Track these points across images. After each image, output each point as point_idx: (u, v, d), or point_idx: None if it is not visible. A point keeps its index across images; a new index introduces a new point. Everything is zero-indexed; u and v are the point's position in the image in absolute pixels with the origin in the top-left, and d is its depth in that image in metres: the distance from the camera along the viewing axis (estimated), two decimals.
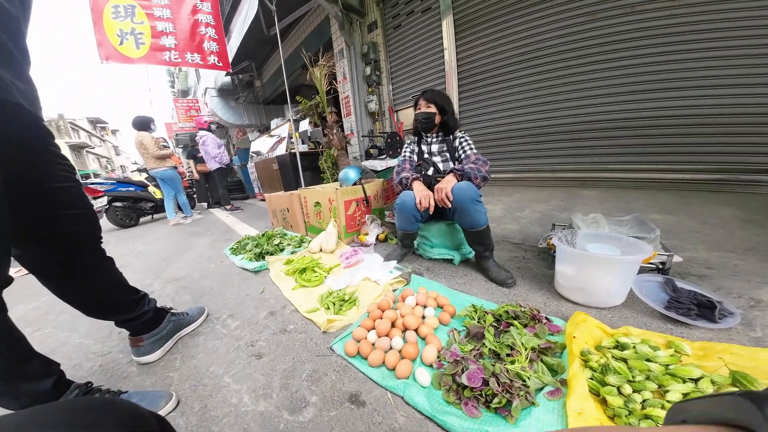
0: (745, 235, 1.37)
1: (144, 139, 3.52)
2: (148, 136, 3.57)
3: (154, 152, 3.56)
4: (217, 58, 3.17)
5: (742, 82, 1.95)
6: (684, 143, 2.23)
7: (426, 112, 1.44)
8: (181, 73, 11.92)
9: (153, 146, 3.56)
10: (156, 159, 3.62)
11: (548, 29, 2.68)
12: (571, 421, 0.60)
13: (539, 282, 1.16)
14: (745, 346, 0.74)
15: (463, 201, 1.14)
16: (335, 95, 4.51)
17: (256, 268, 1.69)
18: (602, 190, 2.50)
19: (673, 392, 0.62)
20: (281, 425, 0.70)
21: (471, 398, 0.67)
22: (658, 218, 1.69)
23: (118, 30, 2.61)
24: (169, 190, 3.86)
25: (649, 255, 0.87)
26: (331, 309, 1.12)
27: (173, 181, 3.82)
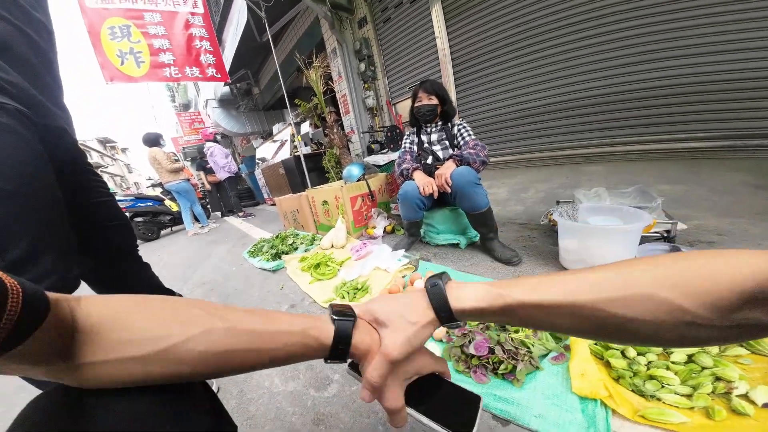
0: (755, 200, 1.36)
1: (157, 155, 3.67)
2: (160, 151, 3.72)
3: (167, 166, 3.71)
4: (215, 70, 3.26)
5: (745, 46, 1.88)
6: (689, 111, 2.18)
7: (430, 105, 1.46)
8: (180, 87, 12.17)
9: (166, 161, 3.71)
10: (170, 173, 3.77)
11: (538, 7, 2.63)
12: (574, 383, 0.63)
13: (545, 258, 1.20)
14: None
15: (462, 185, 1.19)
16: (333, 95, 4.55)
17: (274, 267, 1.79)
18: (608, 165, 2.47)
19: (678, 353, 0.65)
20: (309, 401, 0.78)
21: (479, 366, 0.72)
22: (666, 188, 1.68)
23: (118, 51, 2.71)
24: (185, 201, 4.02)
25: (649, 223, 0.89)
26: (346, 298, 1.19)
27: (188, 193, 3.97)
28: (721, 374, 0.58)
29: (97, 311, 0.25)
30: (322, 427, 0.69)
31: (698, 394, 0.56)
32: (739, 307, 0.23)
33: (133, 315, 0.26)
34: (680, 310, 0.24)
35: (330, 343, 0.32)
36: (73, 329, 0.23)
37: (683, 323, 0.24)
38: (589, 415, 0.57)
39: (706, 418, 0.53)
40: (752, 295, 0.22)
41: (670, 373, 0.61)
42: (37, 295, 0.20)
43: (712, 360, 0.61)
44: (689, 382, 0.59)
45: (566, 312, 0.28)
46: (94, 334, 0.24)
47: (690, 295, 0.24)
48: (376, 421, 0.67)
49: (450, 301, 0.32)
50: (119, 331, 0.25)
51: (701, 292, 0.24)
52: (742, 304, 0.22)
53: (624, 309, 0.26)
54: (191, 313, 0.28)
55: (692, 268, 0.25)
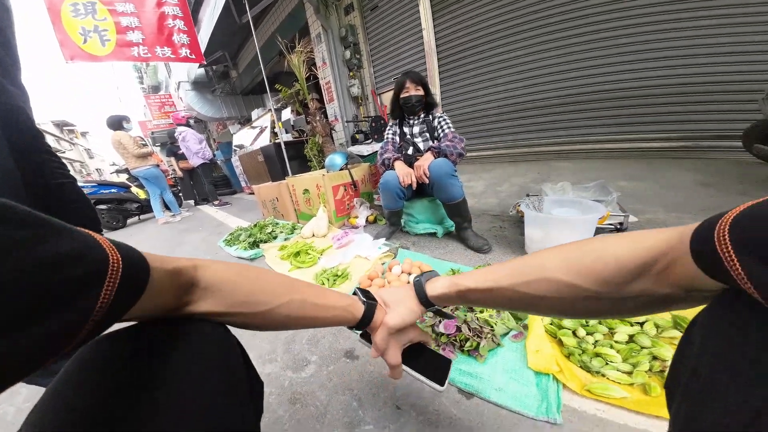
0: (702, 197, 1.51)
1: (122, 139, 3.41)
2: (125, 134, 3.45)
3: (134, 151, 3.47)
4: (189, 51, 3.08)
5: (702, 52, 2.05)
6: (649, 113, 2.36)
7: (417, 95, 1.47)
8: (150, 68, 11.30)
9: (132, 145, 3.46)
10: (137, 158, 3.53)
11: (520, 6, 2.71)
12: (530, 358, 0.70)
13: (512, 247, 1.28)
14: None
15: (439, 176, 1.23)
16: (316, 81, 4.43)
17: (252, 256, 1.76)
18: (576, 162, 2.63)
19: (620, 333, 0.72)
20: (286, 382, 0.80)
21: (447, 344, 0.78)
22: (625, 185, 1.82)
23: (80, 28, 2.51)
24: (154, 189, 3.80)
25: (603, 215, 0.98)
26: (326, 284, 1.22)
27: (157, 180, 3.75)
28: (657, 353, 0.65)
29: (216, 276, 0.33)
30: (299, 405, 0.72)
31: (637, 371, 0.62)
32: (628, 280, 0.27)
33: (242, 282, 0.35)
34: (576, 287, 0.30)
35: (360, 317, 0.46)
36: (194, 286, 0.31)
37: (582, 297, 0.31)
38: (542, 389, 0.63)
39: (643, 394, 0.59)
40: (636, 269, 0.26)
41: (614, 352, 0.67)
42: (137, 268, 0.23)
43: (650, 340, 0.68)
44: (630, 360, 0.65)
45: (497, 294, 0.38)
46: (215, 291, 0.32)
47: (582, 275, 0.30)
48: (351, 398, 0.71)
49: (426, 290, 0.46)
50: (235, 293, 0.34)
51: (592, 271, 0.29)
52: (630, 277, 0.27)
53: (536, 289, 0.34)
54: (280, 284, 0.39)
55: (586, 251, 0.31)
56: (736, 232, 0.19)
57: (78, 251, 0.19)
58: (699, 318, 0.25)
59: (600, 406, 0.59)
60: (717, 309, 0.23)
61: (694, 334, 0.25)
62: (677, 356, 0.27)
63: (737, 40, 1.93)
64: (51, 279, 0.17)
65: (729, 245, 0.19)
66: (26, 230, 0.17)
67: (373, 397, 0.70)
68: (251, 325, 0.37)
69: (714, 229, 0.20)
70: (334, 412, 0.68)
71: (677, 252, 0.24)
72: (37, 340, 0.16)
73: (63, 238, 0.18)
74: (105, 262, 0.20)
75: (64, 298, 0.17)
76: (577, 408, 0.59)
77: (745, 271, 0.18)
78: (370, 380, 0.75)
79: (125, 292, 0.21)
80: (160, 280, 0.26)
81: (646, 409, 0.56)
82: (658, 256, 0.25)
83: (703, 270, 0.22)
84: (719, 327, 0.22)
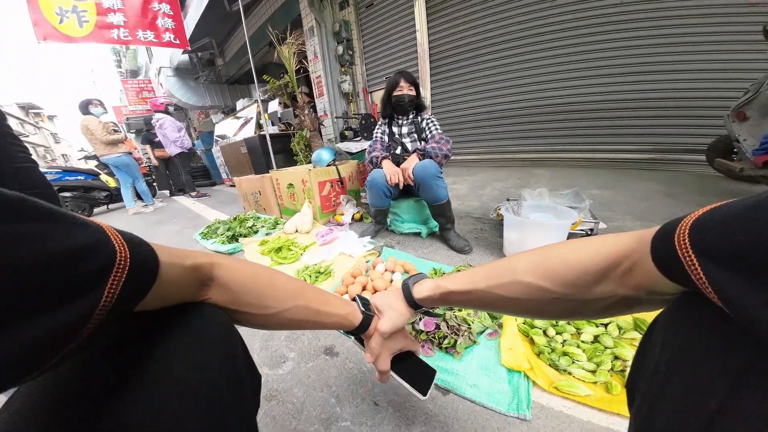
0: (665, 206, 1.62)
1: (90, 124, 3.19)
2: (93, 119, 3.23)
3: (102, 137, 3.24)
4: (173, 36, 2.94)
5: (674, 68, 2.21)
6: (623, 125, 2.52)
7: (410, 95, 1.48)
8: (129, 52, 10.66)
9: (101, 131, 3.23)
10: (106, 145, 3.31)
11: (510, 15, 2.81)
12: (504, 356, 0.72)
13: (492, 248, 1.32)
14: None
15: (425, 177, 1.25)
16: (306, 74, 4.35)
17: (230, 251, 1.71)
18: (554, 169, 2.76)
19: (586, 333, 0.75)
20: (262, 379, 0.78)
21: (426, 341, 0.79)
22: (597, 193, 1.93)
23: (57, 8, 2.35)
24: (126, 177, 3.59)
25: (575, 221, 1.03)
26: (308, 281, 1.20)
27: (129, 168, 3.54)
28: (618, 354, 0.68)
29: (232, 276, 0.34)
30: (274, 402, 0.71)
31: (600, 370, 0.65)
32: (592, 282, 0.28)
33: (255, 285, 0.37)
34: (544, 290, 0.32)
35: (357, 325, 0.48)
36: (211, 281, 0.32)
37: (551, 299, 0.32)
38: (514, 386, 0.66)
39: (605, 392, 0.62)
40: (598, 272, 0.28)
41: (580, 351, 0.71)
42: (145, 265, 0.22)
43: (613, 341, 0.72)
44: (594, 359, 0.68)
45: (475, 296, 0.40)
46: (227, 289, 0.34)
47: (549, 278, 0.32)
48: (329, 394, 0.71)
49: (413, 293, 0.48)
50: (247, 294, 0.36)
51: (558, 274, 0.31)
52: (593, 279, 0.28)
53: (508, 291, 0.36)
54: (286, 290, 0.40)
55: (552, 255, 0.33)
56: (696, 236, 0.19)
57: (87, 246, 0.18)
58: (660, 319, 0.25)
59: (566, 403, 0.62)
60: (677, 311, 0.23)
61: (654, 335, 0.25)
62: (638, 357, 0.28)
63: (706, 58, 2.09)
64: (58, 274, 0.17)
65: (689, 249, 0.19)
66: (39, 224, 0.17)
67: (351, 393, 0.70)
68: (255, 323, 0.39)
69: (674, 233, 0.20)
70: (311, 408, 0.67)
71: (638, 255, 0.25)
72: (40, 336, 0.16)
73: (74, 232, 0.18)
74: (113, 258, 0.19)
75: (69, 294, 0.17)
76: (545, 405, 0.62)
77: (704, 274, 0.18)
78: (348, 377, 0.75)
79: (131, 288, 0.21)
80: (178, 276, 0.27)
81: (608, 406, 0.59)
82: (619, 260, 0.26)
83: (663, 273, 0.22)
84: (679, 329, 0.22)
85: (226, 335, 0.33)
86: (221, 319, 0.33)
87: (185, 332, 0.28)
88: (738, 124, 1.64)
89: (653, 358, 0.24)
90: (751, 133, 1.60)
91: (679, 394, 0.20)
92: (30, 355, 0.16)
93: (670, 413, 0.20)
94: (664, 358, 0.22)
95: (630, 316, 0.80)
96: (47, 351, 0.17)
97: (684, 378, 0.20)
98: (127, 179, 3.62)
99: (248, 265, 0.38)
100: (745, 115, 1.60)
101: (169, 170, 5.07)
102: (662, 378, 0.22)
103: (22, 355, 0.16)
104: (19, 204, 0.16)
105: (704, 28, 2.05)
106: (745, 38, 1.94)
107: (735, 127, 1.65)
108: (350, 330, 0.49)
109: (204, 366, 0.28)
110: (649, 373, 0.24)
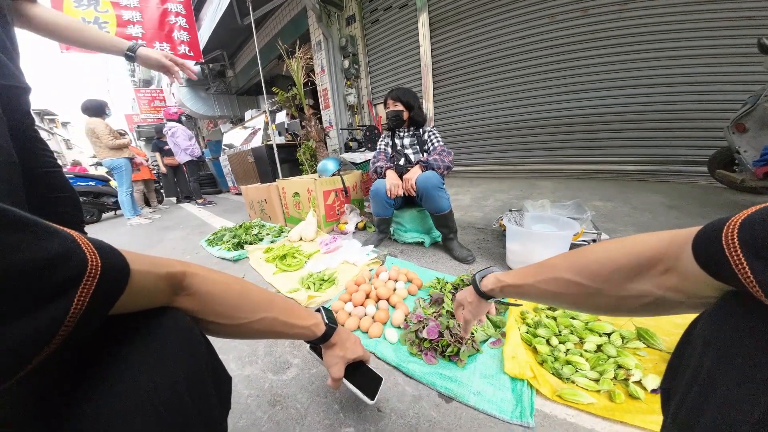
0: (667, 218, 1.63)
1: (96, 127, 3.08)
2: (100, 123, 3.12)
3: (108, 142, 3.13)
4: (188, 48, 3.07)
5: (675, 81, 2.24)
6: (625, 137, 2.55)
7: (394, 110, 1.54)
8: None
9: (107, 135, 3.13)
10: (110, 149, 3.21)
11: (512, 30, 2.90)
12: (507, 364, 0.73)
13: (495, 258, 1.33)
14: None
15: (427, 188, 1.28)
16: (313, 87, 4.48)
17: (235, 257, 1.73)
18: (557, 181, 2.78)
19: (589, 343, 0.76)
20: (266, 384, 0.79)
21: (429, 349, 0.80)
22: (599, 204, 1.94)
23: (80, 19, 2.48)
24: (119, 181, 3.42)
25: (577, 232, 1.05)
26: (312, 288, 1.21)
27: (120, 172, 3.31)
28: (621, 363, 0.69)
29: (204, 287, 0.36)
30: (278, 407, 0.71)
31: (603, 379, 0.66)
32: (625, 279, 0.30)
33: (226, 297, 0.38)
34: (580, 285, 0.35)
35: (320, 336, 0.53)
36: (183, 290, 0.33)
37: (587, 294, 0.35)
38: (517, 394, 0.66)
39: (608, 400, 0.62)
40: (631, 269, 0.29)
41: (583, 360, 0.71)
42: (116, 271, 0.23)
43: (616, 350, 0.73)
44: (597, 368, 0.69)
45: (524, 289, 0.45)
46: (198, 298, 0.35)
47: (584, 274, 0.35)
48: (332, 401, 0.71)
49: (480, 286, 0.56)
50: (217, 304, 0.37)
51: (591, 271, 0.34)
52: (626, 276, 0.30)
53: (550, 286, 0.40)
54: (257, 301, 0.42)
55: (587, 254, 0.36)
56: (745, 235, 0.19)
57: (60, 255, 0.19)
58: (701, 320, 0.25)
59: (570, 411, 0.62)
60: (722, 311, 0.23)
61: (695, 335, 0.25)
62: (675, 357, 0.28)
63: (706, 71, 2.13)
64: (31, 282, 0.17)
65: (738, 247, 0.19)
66: (13, 233, 0.17)
67: (355, 400, 0.70)
68: (222, 333, 0.40)
69: (722, 232, 0.20)
70: (314, 414, 0.68)
71: (672, 255, 0.25)
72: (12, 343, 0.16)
73: (47, 241, 0.18)
74: (83, 267, 0.20)
75: (41, 301, 0.17)
76: (549, 413, 0.62)
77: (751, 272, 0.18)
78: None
79: (102, 295, 0.21)
80: (151, 283, 0.28)
81: (611, 414, 0.59)
82: (652, 260, 0.27)
83: (706, 271, 0.22)
84: (724, 329, 0.22)
85: (188, 340, 0.32)
86: (184, 324, 0.32)
87: (147, 338, 0.28)
88: (738, 135, 1.66)
89: (694, 358, 0.24)
90: (751, 144, 1.62)
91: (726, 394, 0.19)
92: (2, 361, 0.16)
93: (716, 413, 0.20)
94: (708, 358, 0.22)
95: (633, 326, 0.80)
96: (19, 359, 0.17)
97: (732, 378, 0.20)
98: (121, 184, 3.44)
99: (221, 275, 0.39)
100: (745, 126, 1.63)
101: (177, 178, 5.17)
102: (706, 378, 0.21)
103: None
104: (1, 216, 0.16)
105: (703, 42, 2.10)
106: (743, 51, 1.98)
107: (735, 139, 1.67)
108: (312, 340, 0.52)
109: (164, 373, 0.27)
110: (689, 373, 0.23)
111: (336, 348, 0.55)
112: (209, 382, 0.34)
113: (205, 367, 0.34)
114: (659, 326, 0.80)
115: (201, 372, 0.33)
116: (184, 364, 0.30)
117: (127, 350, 0.26)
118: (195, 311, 0.35)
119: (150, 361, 0.27)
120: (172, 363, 0.28)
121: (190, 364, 0.31)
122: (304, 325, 0.49)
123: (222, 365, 0.41)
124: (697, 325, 0.25)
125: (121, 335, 0.27)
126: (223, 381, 0.40)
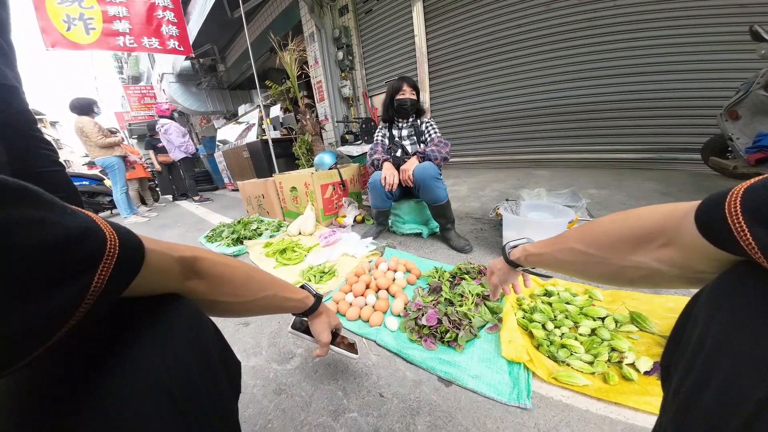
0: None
1: (85, 126, 3.02)
2: (89, 121, 3.07)
3: (97, 141, 3.07)
4: (177, 43, 3.01)
5: (669, 69, 2.24)
6: (620, 126, 2.56)
7: (412, 99, 1.52)
8: (131, 58, 10.78)
9: (96, 133, 3.07)
10: (101, 148, 3.16)
11: (508, 19, 2.86)
12: (504, 348, 0.75)
13: (491, 247, 1.35)
14: (644, 293, 0.91)
15: (424, 179, 1.29)
16: (307, 80, 4.41)
17: (235, 253, 1.74)
18: (552, 170, 2.80)
19: (583, 327, 0.78)
20: (271, 374, 0.81)
21: (428, 335, 0.82)
22: (594, 192, 1.96)
23: (65, 15, 2.42)
24: (115, 180, 3.40)
25: (572, 219, 1.06)
26: (312, 281, 1.23)
27: (113, 171, 3.28)
28: (615, 345, 0.71)
29: (213, 269, 0.38)
30: (284, 395, 0.73)
31: (597, 361, 0.68)
32: (627, 249, 0.32)
33: (233, 279, 0.41)
34: (587, 254, 0.38)
35: (310, 306, 0.60)
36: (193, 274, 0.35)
37: (594, 262, 0.38)
38: (514, 377, 0.68)
39: (602, 382, 0.65)
40: (633, 239, 0.31)
41: (577, 343, 0.73)
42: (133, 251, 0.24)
43: (610, 334, 0.75)
44: (591, 351, 0.71)
45: (543, 258, 0.50)
46: (208, 281, 0.37)
47: (591, 244, 0.38)
48: (336, 387, 0.73)
49: (509, 255, 0.60)
50: (226, 286, 0.40)
51: (597, 240, 0.37)
52: (628, 246, 0.32)
53: (563, 255, 0.44)
54: (261, 281, 0.47)
55: (596, 225, 0.39)
56: (747, 202, 0.19)
57: (81, 232, 0.19)
58: (702, 295, 0.25)
59: (565, 393, 0.65)
60: (725, 285, 0.23)
61: (697, 310, 0.25)
62: (675, 333, 0.28)
63: (700, 59, 2.13)
64: (54, 258, 0.17)
65: (740, 215, 0.19)
66: (38, 210, 0.17)
67: (358, 386, 0.73)
68: (229, 311, 0.44)
69: (725, 199, 0.21)
70: (319, 401, 0.70)
71: (671, 228, 0.26)
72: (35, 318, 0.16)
73: (69, 219, 0.19)
74: (103, 244, 0.20)
75: (63, 277, 0.18)
76: (545, 394, 0.65)
77: (754, 238, 0.18)
78: (355, 371, 0.78)
79: (120, 273, 0.22)
80: (165, 265, 0.29)
81: (605, 395, 0.62)
82: (652, 233, 0.29)
83: (708, 240, 0.22)
84: (727, 303, 0.21)
85: (197, 324, 0.33)
86: (191, 309, 0.33)
87: (156, 323, 0.29)
88: (731, 123, 1.68)
89: (695, 333, 0.23)
90: (744, 131, 1.63)
91: (730, 369, 0.19)
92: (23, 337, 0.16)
93: (720, 388, 0.20)
94: (711, 333, 0.22)
95: (626, 310, 0.83)
96: (40, 334, 0.17)
97: (736, 352, 0.19)
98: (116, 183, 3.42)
99: (228, 259, 0.42)
100: (737, 114, 1.64)
101: (172, 175, 5.12)
102: (709, 353, 0.21)
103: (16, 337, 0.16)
104: (20, 191, 0.17)
105: (697, 30, 2.10)
106: (736, 38, 1.98)
107: (728, 126, 1.68)
108: (304, 311, 0.60)
109: (175, 356, 0.28)
110: (691, 349, 0.23)
111: (323, 316, 0.63)
112: (219, 365, 0.35)
113: (214, 350, 0.35)
114: (652, 310, 0.82)
115: (210, 354, 0.34)
116: (194, 346, 0.31)
117: (138, 334, 0.27)
118: (206, 293, 0.37)
119: (160, 343, 0.28)
120: (182, 346, 0.29)
121: (199, 346, 0.32)
122: (297, 298, 0.57)
123: (230, 350, 0.42)
124: (699, 300, 0.25)
125: (130, 321, 0.28)
126: (231, 364, 0.41)
